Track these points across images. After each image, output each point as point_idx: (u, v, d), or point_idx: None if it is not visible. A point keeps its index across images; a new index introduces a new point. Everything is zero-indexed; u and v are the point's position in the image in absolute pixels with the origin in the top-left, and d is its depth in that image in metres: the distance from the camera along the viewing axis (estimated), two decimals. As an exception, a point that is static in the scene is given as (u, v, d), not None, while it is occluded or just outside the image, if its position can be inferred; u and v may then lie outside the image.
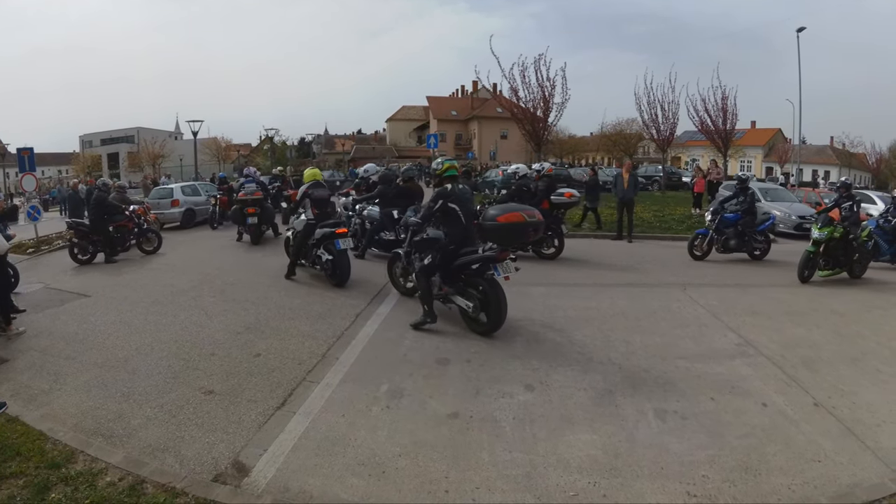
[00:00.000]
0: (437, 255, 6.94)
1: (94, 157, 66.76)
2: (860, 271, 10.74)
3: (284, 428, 4.55)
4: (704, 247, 12.36)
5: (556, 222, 11.74)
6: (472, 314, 6.87)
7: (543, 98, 24.54)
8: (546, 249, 11.96)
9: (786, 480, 3.81)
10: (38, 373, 5.83)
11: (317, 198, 9.61)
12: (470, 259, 6.80)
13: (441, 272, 6.99)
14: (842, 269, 10.64)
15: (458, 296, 6.99)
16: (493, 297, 6.66)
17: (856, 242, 10.56)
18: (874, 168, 55.43)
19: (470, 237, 6.93)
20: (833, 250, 10.46)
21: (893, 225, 12.66)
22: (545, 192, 11.92)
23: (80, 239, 12.28)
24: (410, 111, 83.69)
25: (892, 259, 12.55)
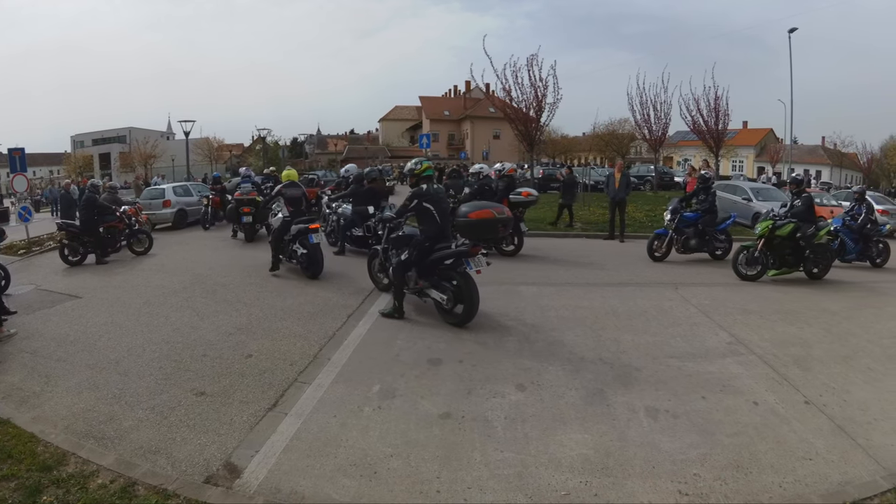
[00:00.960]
0: (414, 251, 7.31)
1: (86, 157, 66.31)
2: (821, 272, 10.51)
3: (276, 429, 4.54)
4: (664, 247, 12.20)
5: (515, 220, 11.72)
6: (447, 306, 7.18)
7: (536, 98, 24.56)
8: (506, 247, 12.35)
9: (777, 478, 3.83)
10: (30, 375, 5.79)
11: (290, 196, 10.36)
12: (444, 254, 7.16)
13: (417, 267, 7.34)
14: (792, 269, 10.43)
15: (433, 289, 7.32)
16: (467, 290, 7.01)
17: (803, 241, 10.24)
18: (865, 168, 55.66)
19: (444, 234, 7.27)
20: (779, 248, 10.31)
21: (860, 223, 12.57)
22: (505, 192, 12.41)
23: (71, 240, 12.22)
24: (403, 111, 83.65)
25: (858, 258, 12.53)
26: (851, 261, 12.55)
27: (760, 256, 10.32)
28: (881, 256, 12.67)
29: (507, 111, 26.04)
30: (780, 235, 10.19)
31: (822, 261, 10.54)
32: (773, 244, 10.26)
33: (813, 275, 10.47)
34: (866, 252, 12.58)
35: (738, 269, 10.41)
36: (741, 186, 20.48)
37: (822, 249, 10.55)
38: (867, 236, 12.58)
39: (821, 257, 10.52)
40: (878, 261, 12.61)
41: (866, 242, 12.58)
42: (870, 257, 12.60)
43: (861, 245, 12.54)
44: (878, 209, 19.65)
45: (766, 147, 62.51)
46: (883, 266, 12.50)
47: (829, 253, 10.77)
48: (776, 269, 10.35)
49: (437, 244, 7.23)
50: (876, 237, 12.74)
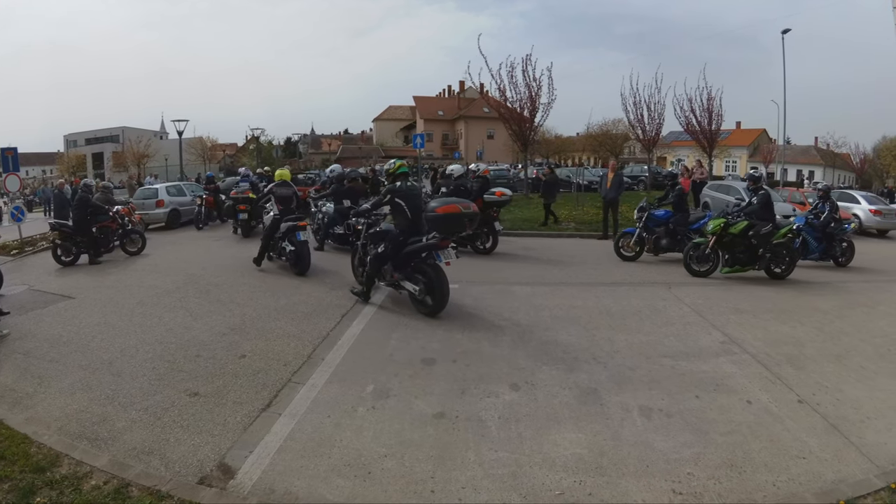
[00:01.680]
0: (389, 244, 7.83)
1: (79, 156, 66.04)
2: (784, 272, 10.38)
3: (270, 429, 4.53)
4: (633, 246, 12.12)
5: (489, 219, 12.40)
6: (419, 297, 7.62)
7: (530, 98, 24.61)
8: (482, 245, 12.64)
9: (771, 477, 3.85)
10: (23, 376, 5.76)
11: (281, 195, 10.85)
12: (416, 247, 7.66)
13: (392, 260, 7.85)
14: (746, 268, 10.33)
15: (406, 281, 7.77)
16: (437, 281, 7.47)
17: (755, 240, 10.12)
18: (858, 168, 55.95)
19: (416, 228, 7.73)
20: (731, 246, 10.23)
21: (822, 221, 12.39)
22: (479, 192, 12.68)
23: (64, 240, 12.15)
24: (397, 111, 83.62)
25: (821, 257, 12.32)
26: (815, 260, 12.36)
27: (711, 254, 10.27)
28: (845, 255, 12.46)
29: (501, 111, 26.07)
30: (731, 233, 10.13)
31: (783, 260, 10.43)
32: (724, 242, 10.20)
33: (775, 274, 10.38)
34: (830, 251, 12.40)
35: (688, 266, 10.38)
36: (734, 186, 20.51)
37: (783, 248, 10.43)
38: (830, 235, 12.38)
39: (781, 257, 10.42)
40: (842, 260, 12.42)
41: (830, 241, 12.39)
42: (833, 257, 12.41)
43: (824, 244, 12.36)
44: (871, 209, 19.79)
45: (759, 147, 62.70)
46: (847, 265, 12.33)
47: (790, 252, 10.63)
48: (729, 266, 10.33)
49: (410, 238, 7.71)
50: (839, 236, 12.50)
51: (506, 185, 29.11)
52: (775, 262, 10.39)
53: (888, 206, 21.29)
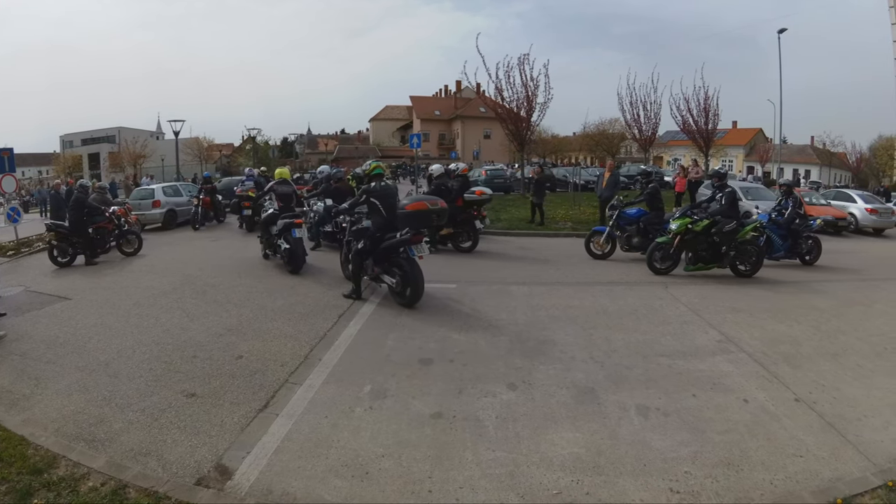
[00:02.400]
0: (367, 241, 8.25)
1: (75, 157, 65.82)
2: (750, 270, 10.28)
3: (267, 430, 4.53)
4: (602, 244, 12.08)
5: (469, 218, 12.80)
6: (397, 289, 8.12)
7: (527, 98, 24.64)
8: (463, 243, 12.91)
9: (768, 476, 3.85)
10: (19, 377, 5.75)
11: (281, 193, 11.30)
12: (391, 243, 8.05)
13: (373, 256, 8.29)
14: (709, 266, 10.29)
15: (385, 274, 8.27)
16: (412, 274, 7.91)
17: (717, 237, 10.05)
18: (855, 167, 56.08)
19: (391, 225, 8.14)
20: (693, 244, 10.17)
21: (787, 218, 12.12)
22: (459, 191, 12.89)
23: (60, 241, 12.13)
24: (394, 111, 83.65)
25: (787, 255, 12.04)
26: (779, 258, 12.07)
27: (675, 252, 10.23)
28: (811, 253, 12.16)
29: (498, 111, 26.10)
30: (694, 231, 10.08)
31: (748, 258, 10.32)
32: (687, 240, 10.13)
33: (741, 272, 10.30)
34: (795, 249, 12.11)
35: (652, 265, 10.30)
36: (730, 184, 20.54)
37: (747, 246, 10.33)
38: (796, 232, 12.09)
39: (746, 254, 10.31)
40: (808, 258, 12.13)
41: (795, 239, 12.10)
42: (799, 254, 12.13)
43: (790, 242, 12.09)
44: (867, 208, 19.82)
45: (755, 147, 62.92)
46: (814, 264, 12.06)
47: (755, 250, 10.48)
48: (693, 264, 10.30)
49: (386, 234, 8.14)
50: (805, 233, 12.20)
51: (503, 184, 29.45)
52: (741, 261, 10.31)
53: (884, 204, 21.34)
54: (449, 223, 12.32)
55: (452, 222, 12.53)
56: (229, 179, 27.44)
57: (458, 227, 12.77)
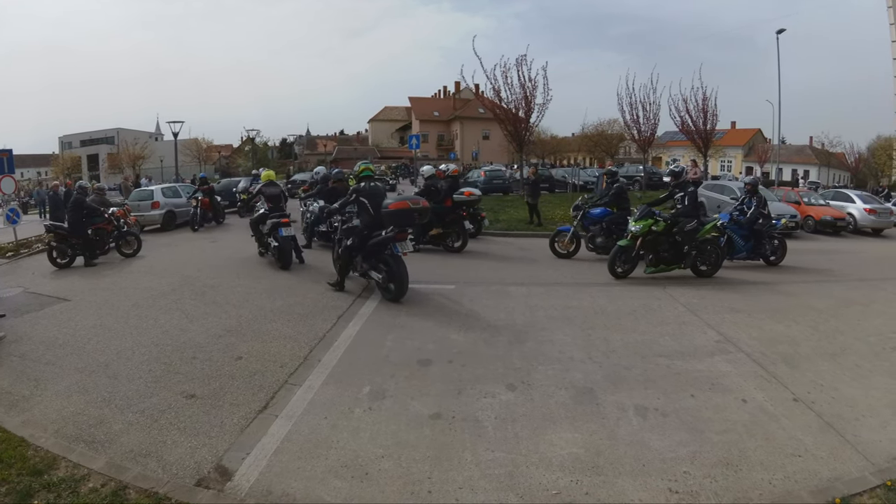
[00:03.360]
0: (356, 238, 8.69)
1: (74, 158, 65.94)
2: (710, 270, 10.15)
3: (267, 431, 4.53)
4: (567, 244, 12.03)
5: (458, 219, 12.94)
6: (383, 284, 8.51)
7: (525, 98, 24.65)
8: (453, 243, 12.95)
9: (766, 475, 3.86)
10: (18, 378, 5.74)
11: (269, 194, 11.81)
12: (378, 240, 8.49)
13: (361, 252, 8.74)
14: (670, 267, 10.10)
15: (372, 270, 8.70)
16: (397, 270, 8.35)
17: (679, 237, 9.87)
18: (853, 167, 56.12)
19: (379, 223, 8.54)
20: (653, 245, 9.95)
21: (749, 217, 11.76)
22: (448, 191, 13.07)
23: (59, 242, 12.12)
24: (393, 112, 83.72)
25: (750, 256, 11.73)
26: (743, 259, 11.79)
27: (633, 253, 10.01)
28: (776, 254, 11.88)
29: (496, 112, 26.10)
30: (655, 231, 9.86)
31: (708, 258, 10.19)
32: (647, 241, 9.90)
33: (701, 272, 10.16)
34: (759, 249, 11.78)
35: (613, 270, 10.01)
36: (729, 186, 20.62)
37: (707, 246, 10.19)
38: (759, 232, 11.74)
39: (706, 254, 10.18)
40: (773, 258, 11.84)
41: (759, 239, 11.75)
42: (763, 255, 11.83)
43: (752, 242, 11.71)
44: (866, 208, 19.85)
45: (754, 147, 62.94)
46: (778, 264, 11.80)
47: (715, 249, 10.31)
48: (654, 266, 10.09)
49: (374, 232, 8.56)
50: (769, 233, 11.88)
51: (501, 185, 29.48)
52: (701, 260, 10.19)
53: (883, 204, 21.38)
54: (438, 223, 12.55)
55: (442, 222, 12.70)
56: (228, 180, 27.46)
57: (448, 228, 12.86)
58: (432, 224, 12.54)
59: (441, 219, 12.66)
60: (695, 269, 10.19)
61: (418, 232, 12.45)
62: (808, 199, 20.86)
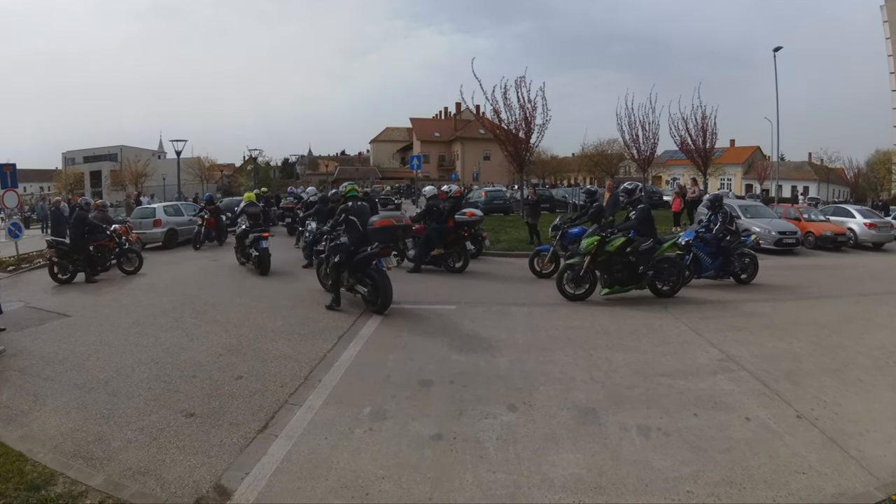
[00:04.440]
0: (343, 254, 9.06)
1: (77, 174, 66.28)
2: (671, 290, 9.91)
3: (266, 451, 4.50)
4: (547, 263, 12.00)
5: (460, 239, 13.05)
6: (369, 297, 8.98)
7: (525, 119, 24.75)
8: (454, 263, 12.98)
9: (771, 493, 3.83)
10: (17, 393, 5.74)
11: (250, 213, 13.86)
12: (364, 255, 8.94)
13: (348, 268, 9.11)
14: (626, 287, 9.76)
15: (358, 284, 9.17)
16: (381, 284, 8.80)
17: (634, 256, 9.60)
18: (852, 182, 56.29)
19: (366, 240, 9.05)
20: (607, 265, 9.68)
21: (715, 234, 11.42)
22: (450, 212, 13.16)
23: (61, 258, 12.15)
24: (394, 132, 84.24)
25: (718, 274, 11.36)
26: (711, 278, 11.38)
27: (588, 274, 9.73)
28: (747, 271, 11.55)
29: (496, 132, 26.20)
30: (608, 251, 9.59)
31: (669, 277, 9.95)
32: (599, 261, 9.65)
33: (661, 292, 9.90)
34: (727, 267, 11.38)
35: (562, 289, 9.80)
36: (729, 204, 20.62)
37: (666, 264, 9.97)
38: (727, 250, 11.35)
39: (666, 273, 9.94)
40: (744, 276, 11.52)
41: (727, 257, 11.35)
42: (732, 273, 11.46)
43: (720, 260, 11.32)
44: (866, 223, 19.87)
45: (753, 164, 63.25)
46: (749, 282, 11.51)
47: (675, 268, 10.06)
48: (609, 286, 9.76)
49: (360, 248, 8.99)
50: (738, 250, 11.50)
51: (502, 205, 29.55)
52: (661, 280, 9.94)
53: (883, 219, 21.40)
54: (440, 244, 12.65)
55: (444, 243, 12.78)
56: (230, 199, 27.54)
57: (450, 248, 12.92)
58: (434, 244, 12.67)
59: (443, 239, 12.76)
60: (654, 289, 9.94)
61: (420, 252, 12.63)
62: (808, 216, 20.88)
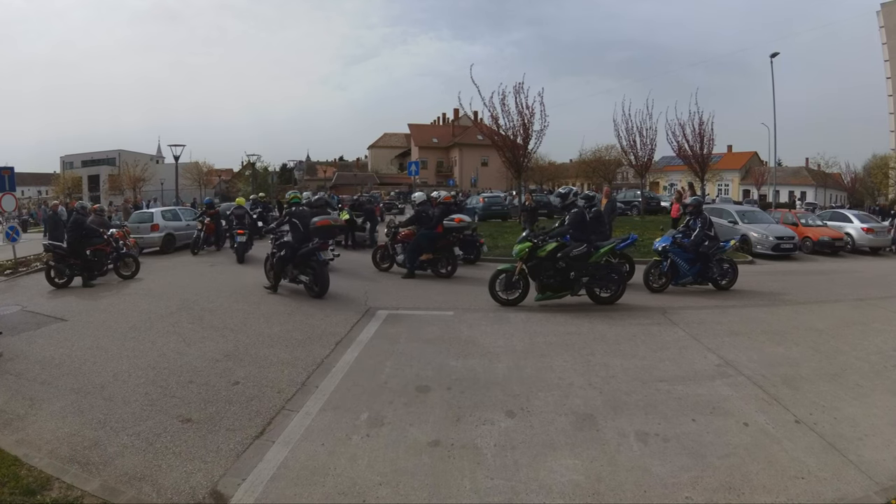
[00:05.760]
0: (288, 250, 10.84)
1: (75, 178, 66.06)
2: (612, 297, 9.80)
3: (263, 457, 4.48)
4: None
5: (448, 244, 13.23)
6: (309, 285, 10.72)
7: (523, 125, 24.78)
8: (442, 269, 13.15)
9: (769, 499, 3.83)
10: (14, 397, 5.73)
11: (236, 214, 19.01)
12: (306, 250, 10.73)
13: (292, 262, 10.89)
14: (559, 294, 9.70)
15: (301, 275, 10.88)
16: (320, 274, 10.63)
17: (564, 262, 9.46)
18: (849, 187, 56.35)
19: (307, 238, 10.83)
20: (537, 270, 9.59)
21: (694, 239, 11.19)
22: (440, 217, 13.34)
23: (57, 262, 12.14)
24: (392, 138, 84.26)
25: (697, 280, 11.25)
26: (690, 284, 11.29)
27: (520, 280, 9.72)
28: (726, 277, 11.43)
29: (494, 138, 26.22)
30: (539, 256, 9.53)
31: (606, 283, 9.82)
32: (530, 266, 9.60)
33: (601, 299, 9.82)
34: (706, 273, 11.25)
35: (495, 294, 9.82)
36: (727, 209, 20.68)
37: (603, 270, 9.83)
38: (706, 255, 11.18)
39: (604, 280, 9.83)
40: (723, 283, 11.38)
41: (705, 262, 11.20)
42: (711, 279, 11.34)
43: (699, 265, 11.17)
44: (863, 227, 19.92)
45: (750, 170, 63.36)
46: (729, 288, 11.38)
47: (613, 274, 9.94)
48: (541, 293, 9.71)
49: (302, 244, 10.76)
50: (717, 255, 11.33)
51: (500, 211, 29.56)
52: (599, 286, 9.84)
53: (880, 223, 21.46)
54: (429, 249, 12.84)
55: (432, 248, 12.95)
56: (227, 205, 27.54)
57: (438, 253, 13.09)
58: (423, 249, 12.84)
59: (432, 244, 12.93)
60: (593, 296, 9.86)
61: (410, 257, 12.82)
62: (805, 221, 20.94)
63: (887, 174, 47.67)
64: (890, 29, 52.39)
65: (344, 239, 18.21)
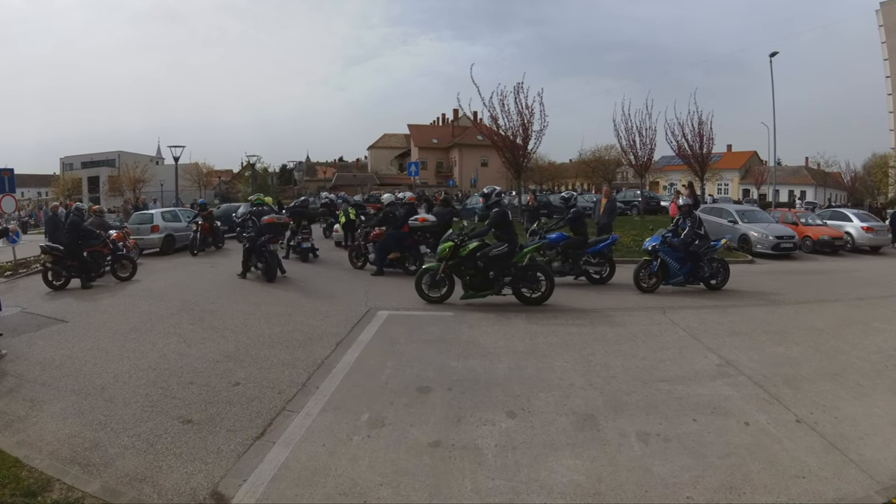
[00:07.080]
0: (249, 243, 13.13)
1: (75, 179, 65.95)
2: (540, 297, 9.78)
3: (264, 458, 4.48)
4: None
5: (414, 243, 13.78)
6: (262, 270, 12.91)
7: (522, 125, 24.73)
8: (410, 266, 13.52)
9: (770, 498, 3.83)
10: (14, 398, 5.73)
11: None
12: (260, 242, 12.91)
13: (255, 252, 12.98)
14: (483, 293, 9.77)
15: (259, 262, 12.98)
16: (271, 262, 12.77)
17: (482, 262, 9.52)
18: (849, 186, 56.32)
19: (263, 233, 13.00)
20: (459, 270, 9.74)
21: (683, 239, 11.14)
22: (405, 217, 13.95)
23: (55, 263, 12.13)
24: (392, 139, 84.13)
25: (688, 280, 11.23)
26: (680, 284, 11.28)
27: (444, 279, 9.90)
28: (717, 277, 11.43)
29: (494, 139, 26.18)
30: (460, 255, 9.65)
31: (531, 283, 9.81)
32: (451, 265, 9.73)
33: (528, 300, 9.82)
34: (697, 273, 11.24)
35: (421, 291, 9.98)
36: (727, 209, 20.69)
37: (526, 270, 9.82)
38: (696, 255, 11.15)
39: (532, 280, 9.81)
40: (714, 282, 11.38)
41: (696, 262, 11.18)
42: (702, 278, 11.34)
43: (690, 265, 11.15)
44: (863, 227, 19.92)
45: (750, 169, 63.35)
46: (721, 288, 11.38)
47: (538, 273, 9.90)
48: (465, 291, 9.86)
49: (259, 238, 12.91)
50: (708, 255, 11.30)
51: (500, 211, 29.43)
52: (526, 287, 9.83)
53: (880, 222, 21.46)
54: (396, 248, 13.41)
55: (400, 247, 13.48)
56: (228, 206, 27.51)
57: (405, 251, 13.65)
58: (391, 248, 13.52)
59: (399, 243, 13.47)
60: (520, 296, 9.86)
61: (379, 256, 13.55)
62: (805, 220, 20.94)
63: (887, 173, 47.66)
64: (889, 28, 52.45)
65: (344, 239, 18.39)
